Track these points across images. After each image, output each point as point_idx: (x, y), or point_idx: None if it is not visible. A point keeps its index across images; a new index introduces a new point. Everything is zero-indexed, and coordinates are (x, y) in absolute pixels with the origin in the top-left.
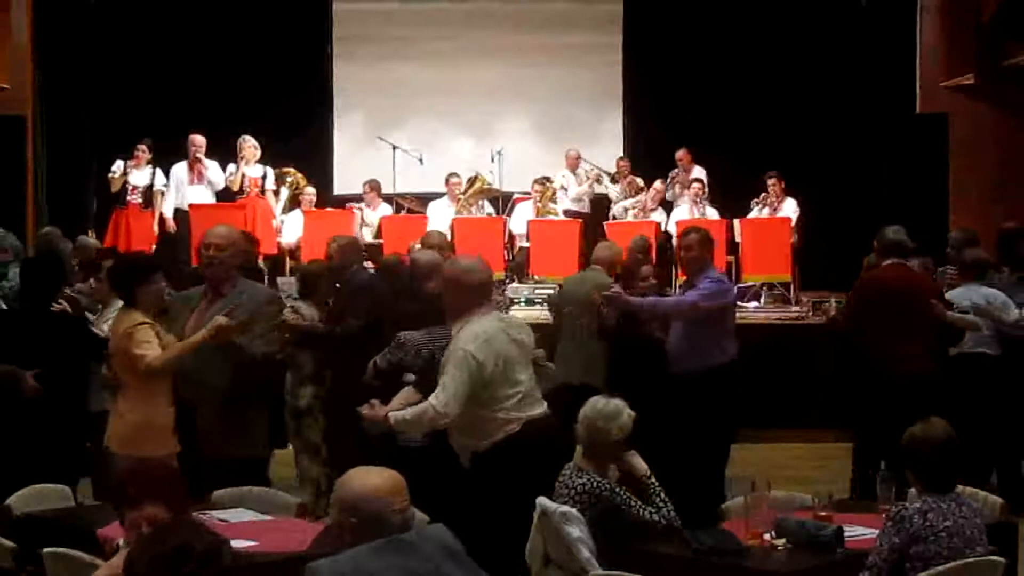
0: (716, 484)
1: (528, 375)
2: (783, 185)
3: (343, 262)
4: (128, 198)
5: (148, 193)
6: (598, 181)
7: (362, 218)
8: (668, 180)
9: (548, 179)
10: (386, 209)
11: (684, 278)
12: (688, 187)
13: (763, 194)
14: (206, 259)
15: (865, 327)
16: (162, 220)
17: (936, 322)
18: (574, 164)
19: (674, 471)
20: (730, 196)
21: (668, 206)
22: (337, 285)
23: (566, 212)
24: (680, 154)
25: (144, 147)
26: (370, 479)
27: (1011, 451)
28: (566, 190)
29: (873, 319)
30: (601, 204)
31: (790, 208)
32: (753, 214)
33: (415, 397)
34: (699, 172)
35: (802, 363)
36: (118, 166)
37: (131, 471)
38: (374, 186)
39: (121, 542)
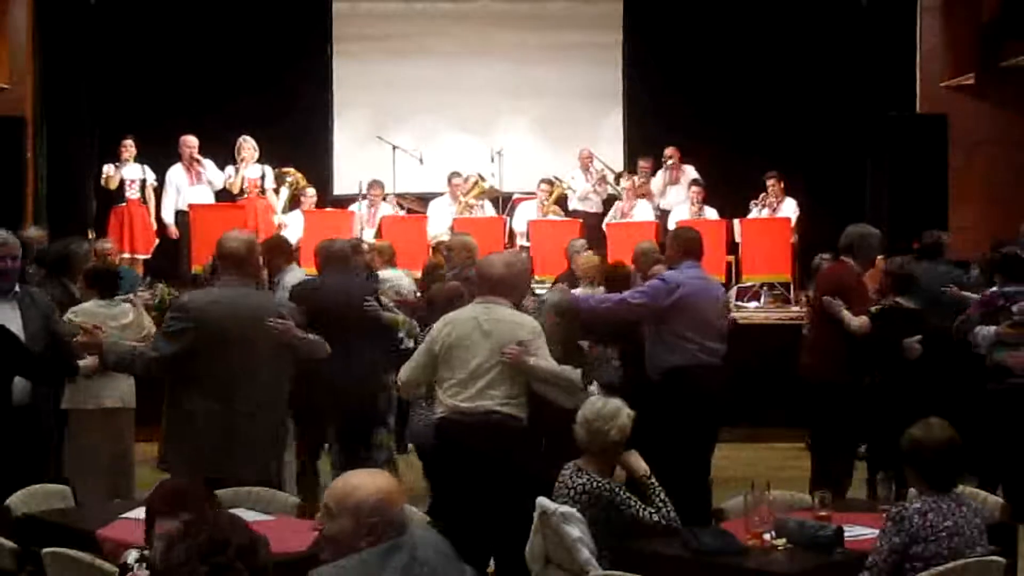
0: (693, 488)
1: (477, 366)
2: (783, 185)
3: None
4: (127, 193)
5: (143, 187)
6: (604, 180)
7: (371, 216)
8: (663, 169)
9: (557, 179)
10: (385, 209)
11: None
12: (677, 182)
13: (762, 195)
14: None
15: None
16: (163, 224)
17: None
18: (586, 163)
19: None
20: (730, 196)
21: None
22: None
23: (574, 212)
24: (670, 151)
25: (130, 142)
26: (378, 481)
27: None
28: (574, 191)
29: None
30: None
31: (790, 208)
32: (752, 215)
33: None
34: (690, 171)
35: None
36: (109, 167)
37: (168, 486)
38: (377, 185)
39: (132, 556)
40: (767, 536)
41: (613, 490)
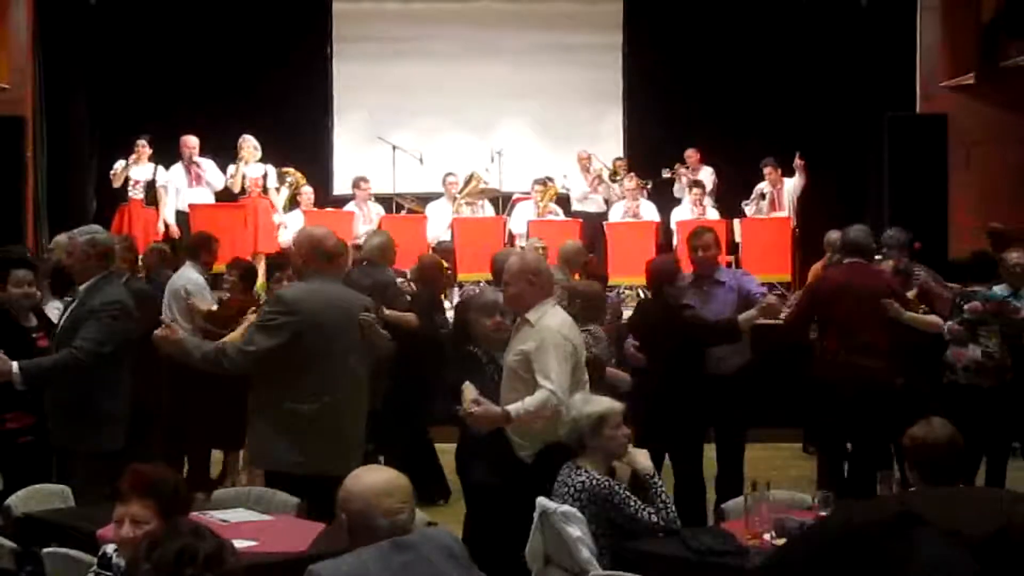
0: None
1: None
2: (780, 172)
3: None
4: (130, 193)
5: (150, 188)
6: (601, 179)
7: (364, 214)
8: (673, 172)
9: (549, 179)
10: (379, 208)
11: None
12: (692, 186)
13: (756, 188)
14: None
15: (818, 326)
16: (167, 226)
17: (890, 321)
18: (585, 165)
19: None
20: (730, 196)
21: (658, 203)
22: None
23: (576, 213)
24: (689, 152)
25: (144, 142)
26: (366, 477)
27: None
28: (568, 190)
29: (825, 319)
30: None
31: (790, 190)
32: (751, 210)
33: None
34: (706, 173)
35: (802, 363)
36: (120, 164)
37: (136, 470)
38: (364, 180)
39: (110, 548)
40: (767, 536)
41: (612, 488)
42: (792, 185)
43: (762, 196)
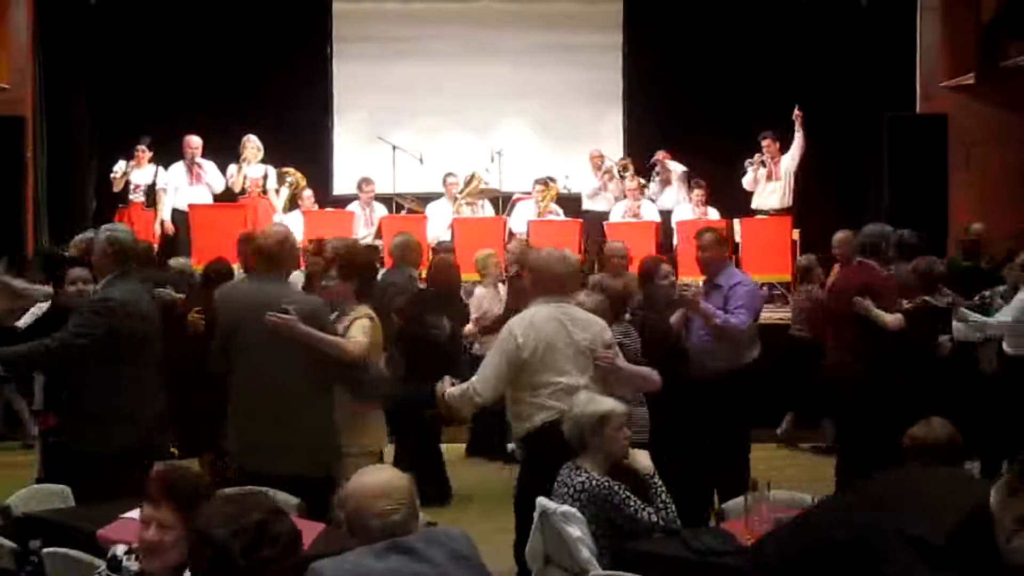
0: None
1: (579, 369)
2: (779, 145)
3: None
4: (130, 197)
5: (151, 192)
6: (611, 176)
7: (367, 215)
8: (653, 173)
9: (551, 179)
10: (380, 209)
11: (704, 278)
12: (669, 183)
13: (756, 155)
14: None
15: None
16: (162, 223)
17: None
18: (597, 163)
19: (701, 470)
20: (730, 196)
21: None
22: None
23: (587, 212)
24: (658, 155)
25: (144, 147)
26: (364, 478)
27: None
28: (569, 190)
29: (828, 319)
30: None
31: (788, 159)
32: (748, 177)
33: None
34: (676, 166)
35: (802, 363)
36: (120, 166)
37: (162, 471)
38: (369, 182)
39: (120, 549)
40: None
41: (612, 489)
42: (788, 162)
43: (762, 163)
